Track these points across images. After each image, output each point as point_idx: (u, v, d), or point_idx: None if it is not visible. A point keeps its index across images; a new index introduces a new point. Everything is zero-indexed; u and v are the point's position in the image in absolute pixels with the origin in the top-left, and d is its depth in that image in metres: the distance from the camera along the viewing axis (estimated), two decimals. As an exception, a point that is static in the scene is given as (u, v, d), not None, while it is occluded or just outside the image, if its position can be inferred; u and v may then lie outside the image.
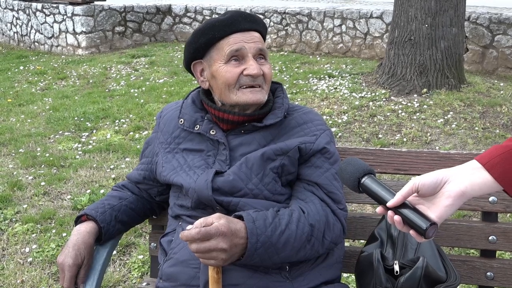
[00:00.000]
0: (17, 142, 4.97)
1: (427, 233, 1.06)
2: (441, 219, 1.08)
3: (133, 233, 3.29)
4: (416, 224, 1.07)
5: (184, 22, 9.61)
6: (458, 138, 4.67)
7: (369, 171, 1.18)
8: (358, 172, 1.18)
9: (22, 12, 9.98)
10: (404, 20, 5.71)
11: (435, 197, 1.09)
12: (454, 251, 2.91)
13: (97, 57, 8.68)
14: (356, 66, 7.19)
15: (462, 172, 1.09)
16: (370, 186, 1.16)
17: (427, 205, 1.10)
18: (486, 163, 1.07)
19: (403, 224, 1.09)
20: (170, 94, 6.38)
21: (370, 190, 1.16)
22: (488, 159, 1.07)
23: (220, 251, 1.26)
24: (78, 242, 1.54)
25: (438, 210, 1.08)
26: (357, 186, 1.18)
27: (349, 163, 1.21)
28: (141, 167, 1.72)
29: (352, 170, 1.19)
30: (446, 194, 1.07)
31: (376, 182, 1.16)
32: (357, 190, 1.19)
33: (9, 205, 3.70)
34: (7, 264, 3.01)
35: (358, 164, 1.20)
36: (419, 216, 1.08)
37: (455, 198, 1.07)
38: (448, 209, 1.07)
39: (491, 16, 7.09)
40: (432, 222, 1.06)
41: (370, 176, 1.17)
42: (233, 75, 1.50)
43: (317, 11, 8.42)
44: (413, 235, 1.09)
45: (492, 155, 1.07)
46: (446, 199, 1.07)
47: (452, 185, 1.07)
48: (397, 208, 1.10)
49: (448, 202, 1.07)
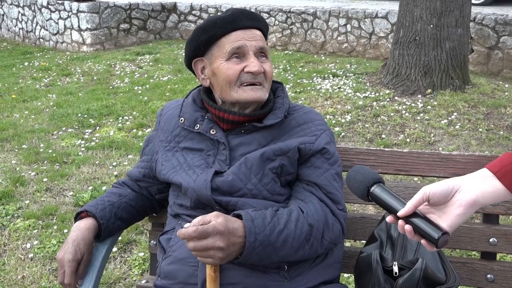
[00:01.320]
0: (21, 138, 4.99)
1: (439, 242, 1.05)
2: (452, 228, 1.07)
3: (134, 230, 3.29)
4: (427, 234, 1.06)
5: (189, 20, 9.61)
6: (461, 139, 4.65)
7: (378, 179, 1.18)
8: (367, 181, 1.17)
9: (27, 8, 10.01)
10: (409, 20, 5.69)
11: (446, 206, 1.09)
12: (455, 253, 2.90)
13: (101, 54, 8.69)
14: (361, 66, 7.17)
15: (473, 181, 1.08)
16: (380, 195, 1.15)
17: (438, 214, 1.09)
18: (498, 172, 1.06)
19: (414, 233, 1.09)
20: (174, 91, 6.38)
21: (379, 199, 1.15)
22: (499, 167, 1.07)
23: (217, 249, 1.26)
24: (78, 238, 1.55)
25: (449, 219, 1.07)
26: (366, 195, 1.17)
27: (358, 172, 1.20)
28: (141, 164, 1.72)
29: (361, 178, 1.18)
30: (457, 203, 1.07)
31: (386, 191, 1.15)
32: (366, 199, 1.18)
33: (11, 201, 3.71)
34: (8, 260, 3.02)
35: (367, 172, 1.19)
36: (430, 225, 1.07)
37: (466, 207, 1.06)
38: (459, 218, 1.07)
39: (496, 17, 7.06)
40: (444, 232, 1.06)
41: (380, 185, 1.17)
42: (234, 72, 1.49)
43: (322, 10, 8.40)
44: (425, 245, 1.08)
45: (503, 163, 1.07)
46: (457, 208, 1.07)
47: (463, 194, 1.07)
48: (407, 217, 1.09)
49: (459, 211, 1.06)
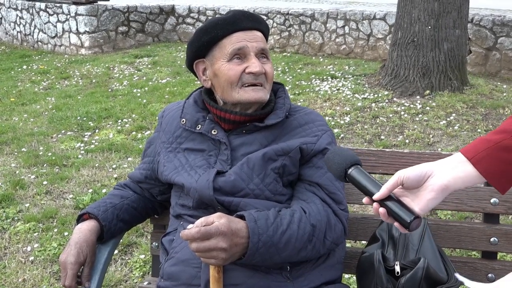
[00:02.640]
0: (20, 141, 4.98)
1: (411, 226, 1.09)
2: (424, 211, 1.11)
3: (135, 233, 3.29)
4: (400, 217, 1.10)
5: (188, 23, 9.62)
6: (460, 140, 4.66)
7: (356, 161, 1.19)
8: (345, 163, 1.19)
9: (25, 12, 10.01)
10: (407, 21, 5.71)
11: (419, 190, 1.12)
12: (455, 252, 2.91)
13: (100, 57, 8.69)
14: (359, 67, 7.18)
15: (445, 166, 1.11)
16: (357, 177, 1.17)
17: (411, 198, 1.13)
18: (472, 158, 1.09)
19: (387, 216, 1.12)
20: (173, 94, 6.39)
21: (356, 181, 1.17)
22: (473, 153, 1.09)
23: (220, 250, 1.26)
24: (80, 240, 1.55)
25: (421, 202, 1.11)
26: (343, 177, 1.19)
27: (337, 153, 1.21)
28: (143, 166, 1.73)
29: (339, 160, 1.20)
30: (429, 187, 1.10)
31: (363, 174, 1.17)
32: (343, 180, 1.20)
33: (11, 204, 3.71)
34: (9, 263, 3.02)
35: (345, 154, 1.21)
36: (403, 209, 1.10)
37: (437, 191, 1.10)
38: (430, 202, 1.10)
39: (494, 18, 7.08)
40: (416, 216, 1.09)
41: (357, 167, 1.18)
42: (236, 73, 1.50)
43: (320, 12, 8.42)
44: (397, 227, 1.12)
45: (478, 149, 1.09)
46: (429, 192, 1.10)
47: (435, 179, 1.10)
48: (382, 200, 1.12)
49: (431, 196, 1.10)
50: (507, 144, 1.07)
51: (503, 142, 1.08)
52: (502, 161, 1.07)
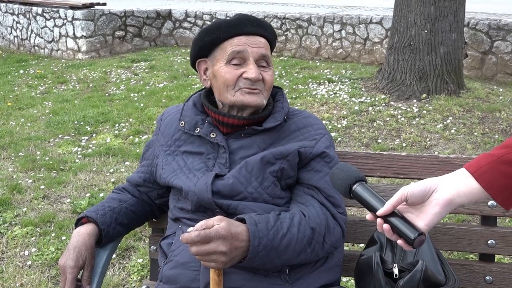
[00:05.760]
0: (17, 146, 4.98)
1: (415, 242, 1.09)
2: (429, 226, 1.11)
3: (133, 237, 3.29)
4: (404, 234, 1.10)
5: (184, 27, 9.63)
6: (457, 143, 4.68)
7: (361, 178, 1.20)
8: (350, 179, 1.20)
9: (22, 16, 10.00)
10: (404, 25, 5.73)
11: (423, 205, 1.12)
12: (453, 255, 2.91)
13: (97, 61, 8.69)
14: (356, 71, 7.20)
15: (449, 181, 1.12)
16: (361, 193, 1.18)
17: (416, 214, 1.13)
18: (475, 172, 1.09)
19: (392, 232, 1.12)
20: (170, 98, 6.39)
21: (361, 197, 1.18)
22: (476, 167, 1.10)
23: (219, 253, 1.26)
24: (79, 244, 1.55)
25: (426, 217, 1.11)
26: (348, 193, 1.20)
27: (342, 169, 1.22)
28: (141, 169, 1.73)
29: (344, 176, 1.21)
30: (434, 202, 1.10)
31: (367, 190, 1.18)
32: (348, 197, 1.21)
33: (8, 208, 3.70)
34: (7, 267, 3.01)
35: (350, 170, 1.21)
36: (407, 225, 1.10)
37: (442, 206, 1.10)
38: (435, 216, 1.10)
39: (490, 22, 7.11)
40: (420, 232, 1.09)
41: (362, 184, 1.19)
42: (233, 77, 1.51)
43: (317, 16, 8.44)
44: (401, 244, 1.12)
45: (480, 164, 1.09)
46: (434, 207, 1.10)
47: (440, 193, 1.10)
48: (386, 216, 1.12)
49: (435, 210, 1.10)
50: (509, 158, 1.07)
51: (506, 156, 1.08)
52: (505, 175, 1.07)
